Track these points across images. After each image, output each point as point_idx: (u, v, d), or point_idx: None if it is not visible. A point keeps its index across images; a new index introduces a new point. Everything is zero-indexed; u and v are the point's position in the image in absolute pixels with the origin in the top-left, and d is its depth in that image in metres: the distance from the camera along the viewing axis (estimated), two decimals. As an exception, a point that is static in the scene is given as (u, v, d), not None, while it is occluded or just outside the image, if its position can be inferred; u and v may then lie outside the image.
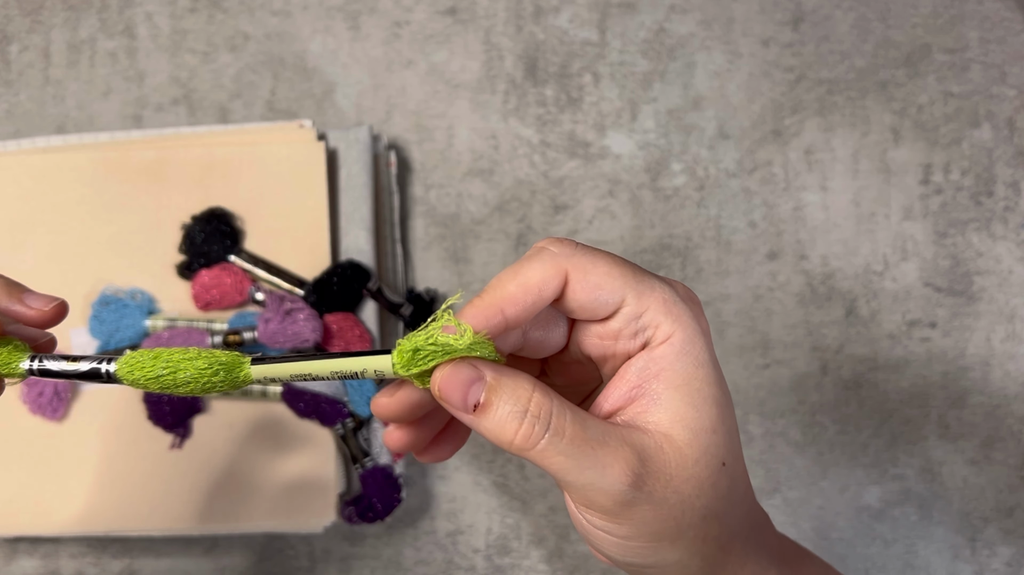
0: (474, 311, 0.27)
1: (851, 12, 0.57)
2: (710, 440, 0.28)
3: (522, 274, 0.28)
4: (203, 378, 0.29)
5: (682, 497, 0.28)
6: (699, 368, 0.28)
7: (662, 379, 0.28)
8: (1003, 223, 0.56)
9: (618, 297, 0.28)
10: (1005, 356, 0.55)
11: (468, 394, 0.27)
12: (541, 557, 0.54)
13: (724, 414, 0.29)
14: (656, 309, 0.28)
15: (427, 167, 0.57)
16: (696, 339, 0.28)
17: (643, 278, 0.28)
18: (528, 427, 0.27)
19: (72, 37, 0.58)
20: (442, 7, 0.58)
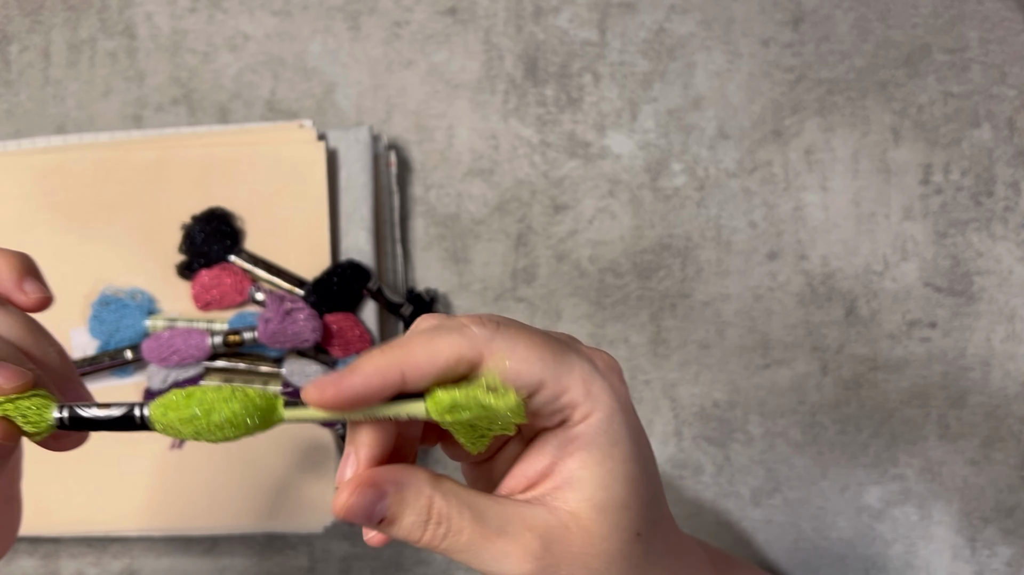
0: (374, 365, 0.27)
1: (851, 12, 0.57)
2: (621, 515, 0.29)
3: (434, 345, 0.28)
4: (238, 421, 0.28)
5: (590, 572, 0.29)
6: (614, 447, 0.29)
7: (576, 458, 0.29)
8: (1003, 223, 0.56)
9: (535, 380, 0.28)
10: (1005, 356, 0.55)
11: (374, 512, 0.28)
12: (541, 557, 0.54)
13: (638, 487, 0.29)
14: (575, 390, 0.29)
15: (427, 167, 0.57)
16: (614, 416, 0.29)
17: (562, 358, 0.29)
18: (431, 533, 0.29)
19: (72, 37, 0.58)
20: (442, 7, 0.58)
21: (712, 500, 0.54)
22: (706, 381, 0.55)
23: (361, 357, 0.28)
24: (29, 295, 0.33)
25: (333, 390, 0.27)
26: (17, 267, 0.33)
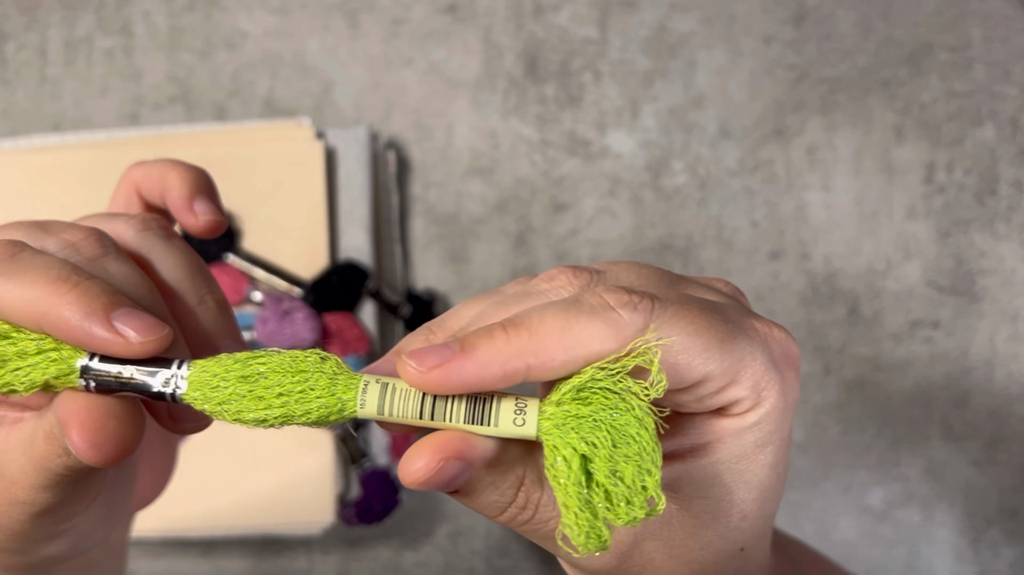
0: (495, 352, 0.22)
1: (853, 10, 0.57)
2: (735, 526, 0.25)
3: (573, 334, 0.22)
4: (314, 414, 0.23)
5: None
6: (759, 449, 0.24)
7: (712, 451, 0.24)
8: (1006, 222, 0.56)
9: (698, 375, 0.23)
10: (1008, 356, 0.55)
11: (451, 484, 0.23)
12: (541, 559, 0.53)
13: (765, 500, 0.25)
14: (741, 384, 0.23)
15: (426, 166, 0.56)
16: (771, 417, 0.24)
17: (732, 346, 0.23)
18: (509, 516, 0.24)
19: (69, 35, 0.58)
20: (441, 5, 0.57)
21: (713, 501, 0.54)
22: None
23: (475, 333, 0.22)
24: (199, 216, 0.29)
25: (441, 374, 0.21)
26: (191, 183, 0.29)
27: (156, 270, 0.27)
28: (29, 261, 0.24)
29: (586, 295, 0.23)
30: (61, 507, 0.26)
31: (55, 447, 0.24)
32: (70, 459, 0.24)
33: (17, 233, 0.26)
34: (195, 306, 0.27)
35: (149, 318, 0.23)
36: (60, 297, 0.23)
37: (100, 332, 0.23)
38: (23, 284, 0.23)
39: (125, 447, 0.23)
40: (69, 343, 0.23)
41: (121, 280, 0.25)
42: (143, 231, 0.28)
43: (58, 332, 0.23)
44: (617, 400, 0.22)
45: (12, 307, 0.23)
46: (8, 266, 0.24)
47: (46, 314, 0.23)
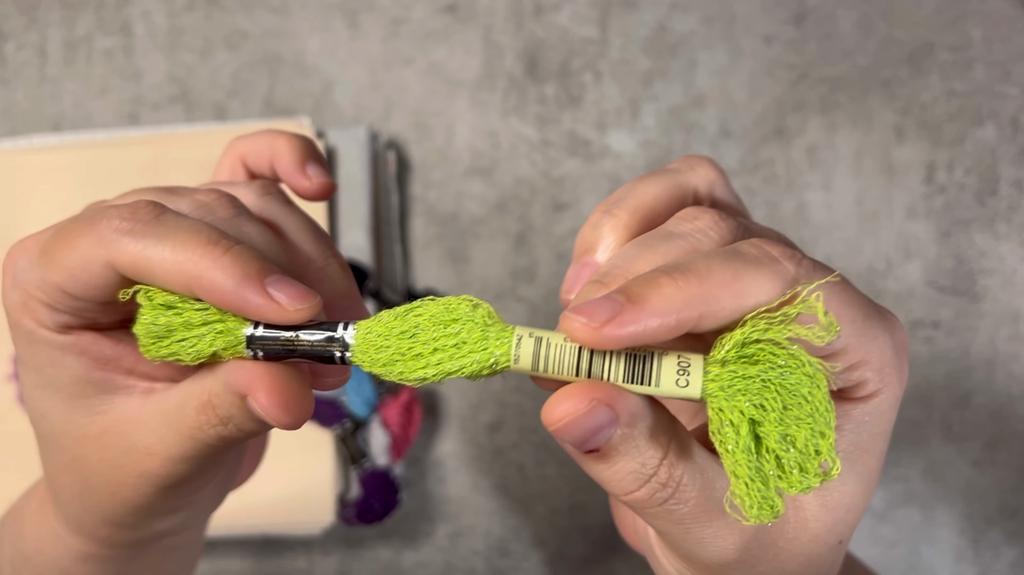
0: (668, 302, 0.20)
1: (854, 10, 0.57)
2: (841, 518, 0.24)
3: (744, 282, 0.21)
4: (467, 368, 0.22)
5: (782, 572, 0.24)
6: (874, 439, 0.24)
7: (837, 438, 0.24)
8: (1007, 222, 0.55)
9: (841, 344, 0.22)
10: (1009, 356, 0.55)
11: (592, 439, 0.21)
12: (541, 559, 0.53)
13: (868, 491, 0.24)
14: (871, 366, 0.23)
15: (426, 166, 0.56)
16: (890, 406, 0.24)
17: (869, 323, 0.22)
18: (648, 492, 0.22)
19: (69, 35, 0.58)
20: (441, 4, 0.57)
21: (714, 502, 0.54)
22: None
23: (640, 283, 0.21)
24: (312, 179, 0.29)
25: (615, 328, 0.20)
26: (300, 150, 0.29)
27: (284, 233, 0.27)
28: (175, 223, 0.23)
29: (746, 245, 0.22)
30: (192, 480, 0.26)
31: (210, 416, 0.24)
32: (225, 429, 0.24)
33: (148, 196, 0.26)
34: (321, 268, 0.27)
35: (300, 285, 0.23)
36: (214, 261, 0.22)
37: (256, 299, 0.23)
38: (174, 247, 0.23)
39: (308, 408, 0.24)
40: (221, 307, 0.23)
41: (261, 244, 0.25)
42: (264, 196, 0.28)
43: (211, 296, 0.23)
44: (786, 356, 0.20)
45: (163, 270, 0.23)
46: (155, 228, 0.23)
47: (199, 278, 0.22)
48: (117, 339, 0.25)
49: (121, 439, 0.25)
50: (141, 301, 0.23)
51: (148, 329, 0.23)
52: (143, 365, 0.25)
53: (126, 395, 0.25)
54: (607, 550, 0.53)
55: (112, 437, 0.25)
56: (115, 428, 0.25)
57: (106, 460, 0.25)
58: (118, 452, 0.25)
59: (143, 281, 0.23)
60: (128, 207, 0.23)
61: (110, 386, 0.25)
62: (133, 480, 0.25)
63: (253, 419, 0.24)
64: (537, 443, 0.54)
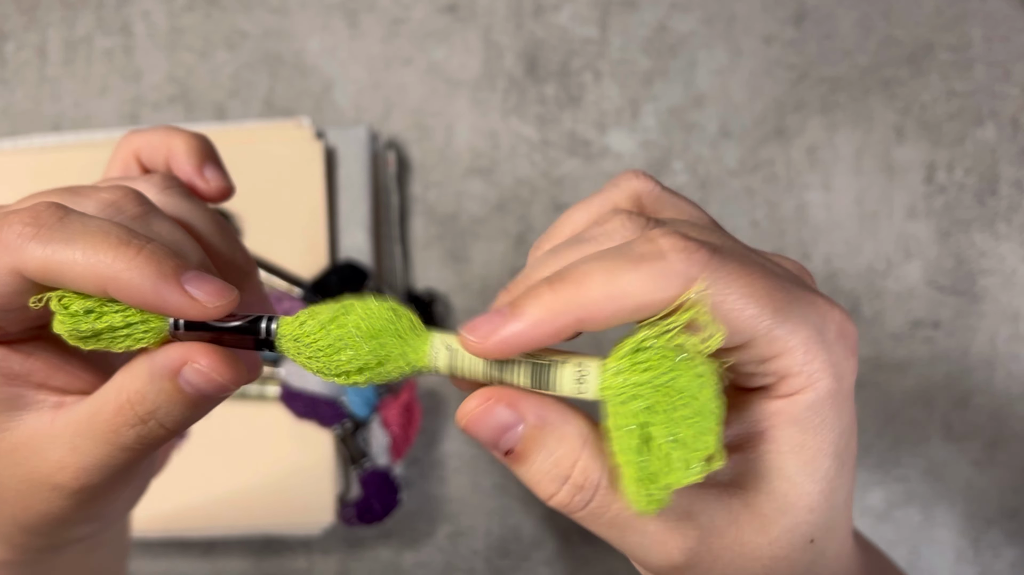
0: (544, 309, 0.22)
1: (854, 10, 0.57)
2: (802, 519, 0.24)
3: (620, 284, 0.21)
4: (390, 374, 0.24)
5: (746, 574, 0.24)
6: (819, 435, 0.23)
7: (770, 438, 0.23)
8: (1007, 222, 0.55)
9: (744, 337, 0.22)
10: (1009, 356, 0.55)
11: (501, 439, 0.23)
12: (541, 559, 0.53)
13: (833, 490, 0.24)
14: (790, 358, 0.22)
15: (426, 166, 0.56)
16: (828, 399, 0.23)
17: (785, 313, 0.22)
18: (567, 495, 0.23)
19: (69, 35, 0.58)
20: (441, 4, 0.57)
21: (714, 502, 0.54)
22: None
23: (523, 294, 0.22)
24: (210, 182, 0.29)
25: (496, 341, 0.22)
26: (197, 150, 0.29)
27: (191, 227, 0.27)
28: (82, 224, 0.23)
29: (638, 241, 0.22)
30: (108, 489, 0.26)
31: (128, 417, 0.24)
32: (145, 427, 0.24)
33: (50, 198, 0.25)
34: (230, 262, 0.27)
35: (217, 281, 0.23)
36: (128, 262, 0.22)
37: (175, 298, 0.23)
38: (84, 249, 0.22)
39: (244, 370, 0.24)
40: (140, 308, 0.23)
41: (172, 241, 0.25)
42: (166, 190, 0.28)
43: (128, 298, 0.23)
44: (673, 359, 0.21)
45: (75, 274, 0.22)
46: (61, 231, 0.23)
47: (114, 280, 0.22)
48: (27, 353, 0.25)
49: (31, 454, 0.25)
50: (55, 309, 0.23)
51: (71, 334, 0.23)
52: (53, 380, 0.25)
53: (36, 410, 0.25)
54: (607, 550, 0.53)
55: (22, 452, 0.25)
56: (25, 444, 0.25)
57: (17, 475, 0.25)
58: (29, 467, 0.25)
59: (55, 286, 0.23)
60: (29, 211, 0.23)
61: (20, 402, 0.25)
62: (47, 494, 0.25)
63: (182, 403, 0.24)
64: (537, 443, 0.54)
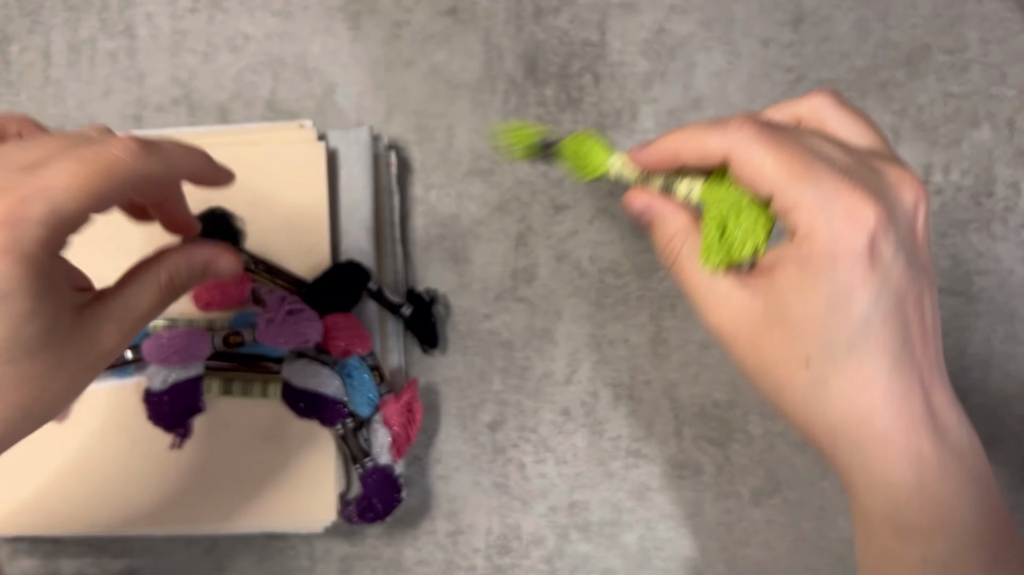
0: (665, 143, 0.36)
1: (851, 12, 0.57)
2: (796, 336, 0.33)
3: (702, 139, 0.34)
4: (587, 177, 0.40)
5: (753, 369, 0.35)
6: (814, 279, 0.32)
7: (780, 269, 0.33)
8: (1003, 223, 0.56)
9: (765, 194, 0.33)
10: (1005, 357, 0.55)
11: (641, 216, 0.38)
12: (541, 557, 0.54)
13: (826, 326, 0.32)
14: (797, 215, 0.32)
15: (427, 167, 0.57)
16: (823, 255, 0.32)
17: (803, 182, 0.32)
18: (665, 254, 0.37)
19: (72, 37, 0.58)
20: (442, 7, 0.58)
21: (712, 500, 0.54)
22: (706, 381, 0.55)
23: (668, 133, 0.36)
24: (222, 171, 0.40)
25: (641, 154, 0.37)
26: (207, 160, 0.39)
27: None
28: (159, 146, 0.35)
29: (728, 118, 0.34)
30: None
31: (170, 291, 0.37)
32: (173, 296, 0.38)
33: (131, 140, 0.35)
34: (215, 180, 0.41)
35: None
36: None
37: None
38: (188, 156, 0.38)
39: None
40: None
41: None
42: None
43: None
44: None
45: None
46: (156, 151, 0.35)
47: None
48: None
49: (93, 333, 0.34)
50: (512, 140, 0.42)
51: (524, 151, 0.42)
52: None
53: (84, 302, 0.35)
54: (606, 548, 0.54)
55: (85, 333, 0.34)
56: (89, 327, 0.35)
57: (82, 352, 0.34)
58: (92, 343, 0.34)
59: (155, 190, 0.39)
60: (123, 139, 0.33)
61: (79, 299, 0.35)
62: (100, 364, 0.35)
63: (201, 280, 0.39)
64: (536, 442, 0.54)
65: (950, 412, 0.34)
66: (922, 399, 0.33)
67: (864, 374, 0.33)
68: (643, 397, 0.55)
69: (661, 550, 0.54)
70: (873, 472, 0.34)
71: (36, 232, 0.30)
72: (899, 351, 0.33)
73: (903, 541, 0.34)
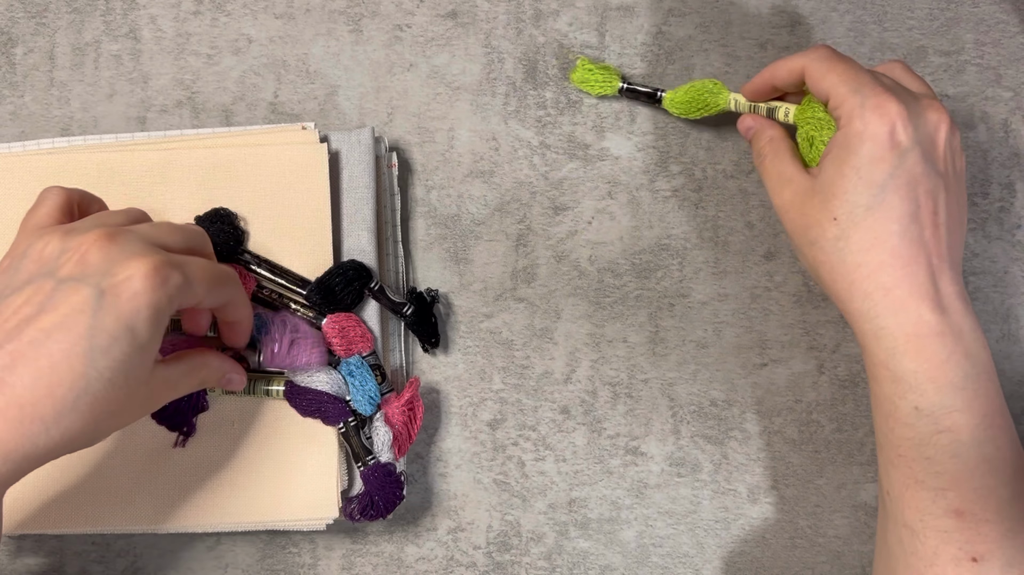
0: (768, 70, 0.49)
1: (847, 15, 0.58)
2: (823, 196, 0.44)
3: (788, 61, 0.47)
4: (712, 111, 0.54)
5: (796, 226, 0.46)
6: (849, 155, 0.42)
7: (830, 149, 0.44)
8: (998, 224, 0.56)
9: (823, 95, 0.45)
10: (1000, 356, 0.55)
11: (746, 133, 0.52)
12: (541, 554, 0.54)
13: (854, 190, 0.42)
14: (842, 108, 0.43)
15: (428, 168, 0.57)
16: (854, 137, 0.42)
17: (852, 89, 0.43)
18: (757, 156, 0.50)
19: (77, 40, 0.59)
20: (443, 11, 0.58)
21: (709, 497, 0.55)
22: (704, 380, 0.55)
23: (752, 80, 0.51)
24: None
25: (749, 87, 0.51)
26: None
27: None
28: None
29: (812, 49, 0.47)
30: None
31: (198, 380, 0.46)
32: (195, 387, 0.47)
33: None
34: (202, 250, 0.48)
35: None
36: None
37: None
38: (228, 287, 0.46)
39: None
40: None
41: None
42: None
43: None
44: (822, 107, 0.46)
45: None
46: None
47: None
48: None
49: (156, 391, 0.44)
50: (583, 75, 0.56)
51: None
52: None
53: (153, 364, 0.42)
54: (605, 544, 0.54)
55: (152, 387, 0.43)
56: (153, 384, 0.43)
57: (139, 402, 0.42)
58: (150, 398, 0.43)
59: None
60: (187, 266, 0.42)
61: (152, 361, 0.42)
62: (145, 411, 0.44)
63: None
64: (536, 440, 0.55)
65: (956, 300, 0.42)
66: (927, 273, 0.41)
67: (876, 232, 0.41)
68: (641, 395, 0.55)
69: (659, 547, 0.54)
70: (877, 319, 0.41)
71: (170, 292, 0.38)
72: (908, 222, 0.41)
73: (898, 387, 0.41)
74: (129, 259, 0.38)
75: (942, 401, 0.40)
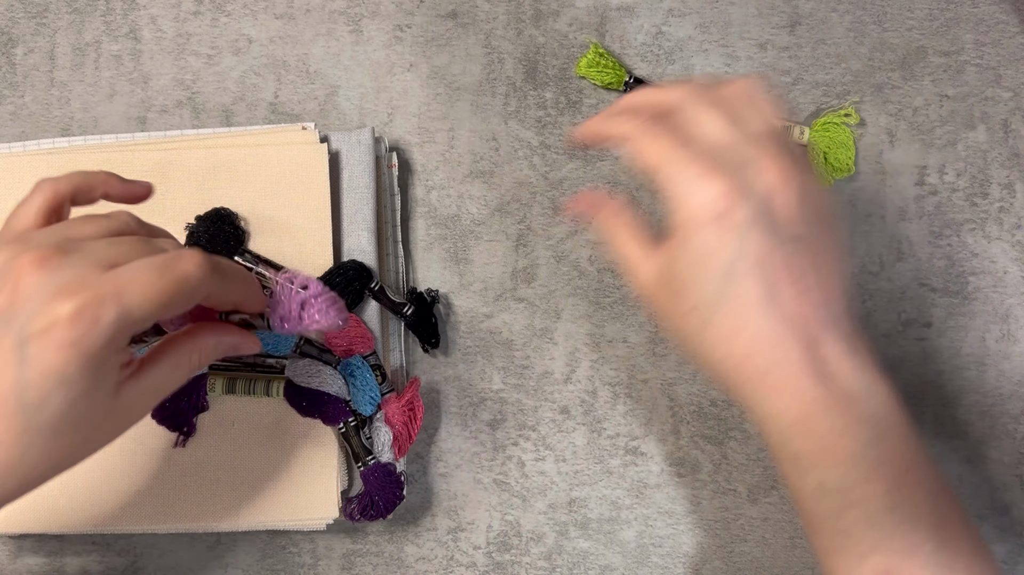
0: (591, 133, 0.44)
1: (847, 15, 0.58)
2: (673, 288, 0.40)
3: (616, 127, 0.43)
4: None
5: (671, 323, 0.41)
6: (679, 240, 0.39)
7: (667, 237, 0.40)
8: (998, 224, 0.56)
9: (649, 175, 0.41)
10: (1000, 356, 0.56)
11: (586, 209, 0.46)
12: (541, 554, 0.54)
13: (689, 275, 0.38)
14: (669, 191, 0.39)
15: (428, 169, 0.57)
16: (684, 224, 0.38)
17: (671, 164, 0.39)
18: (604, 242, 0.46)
19: (77, 40, 0.59)
20: (443, 11, 0.58)
21: (709, 497, 0.55)
22: (703, 380, 0.55)
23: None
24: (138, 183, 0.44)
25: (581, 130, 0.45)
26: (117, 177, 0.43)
27: None
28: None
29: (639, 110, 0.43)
30: None
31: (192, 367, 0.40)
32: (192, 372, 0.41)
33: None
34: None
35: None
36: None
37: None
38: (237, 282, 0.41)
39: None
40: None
41: None
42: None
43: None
44: (839, 123, 0.55)
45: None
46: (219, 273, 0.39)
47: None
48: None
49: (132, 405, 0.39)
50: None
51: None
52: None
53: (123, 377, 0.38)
54: (604, 544, 0.54)
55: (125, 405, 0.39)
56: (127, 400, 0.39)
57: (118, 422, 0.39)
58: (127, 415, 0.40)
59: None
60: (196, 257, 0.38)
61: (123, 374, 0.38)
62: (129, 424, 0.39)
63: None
64: (536, 440, 0.55)
65: (843, 361, 0.38)
66: (801, 347, 0.37)
67: (734, 321, 0.38)
68: (641, 396, 0.55)
69: (659, 546, 0.54)
70: (763, 404, 0.38)
71: (104, 333, 0.34)
72: (766, 303, 0.37)
73: (798, 468, 0.38)
74: (55, 297, 0.33)
75: (846, 476, 0.37)
